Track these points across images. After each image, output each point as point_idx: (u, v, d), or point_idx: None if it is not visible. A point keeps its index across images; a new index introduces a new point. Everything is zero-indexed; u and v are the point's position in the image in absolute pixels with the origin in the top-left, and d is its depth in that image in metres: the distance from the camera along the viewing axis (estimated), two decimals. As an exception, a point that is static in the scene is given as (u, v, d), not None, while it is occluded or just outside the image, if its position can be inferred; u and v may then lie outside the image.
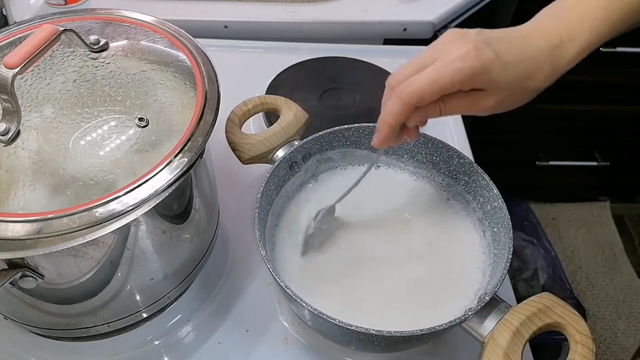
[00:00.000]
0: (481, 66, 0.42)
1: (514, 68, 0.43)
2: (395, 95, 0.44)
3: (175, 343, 0.54)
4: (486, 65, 0.42)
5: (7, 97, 0.41)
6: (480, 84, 0.43)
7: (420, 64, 0.44)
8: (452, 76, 0.42)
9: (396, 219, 0.56)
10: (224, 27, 0.91)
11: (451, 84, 0.42)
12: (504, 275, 0.45)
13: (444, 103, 0.45)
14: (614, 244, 1.57)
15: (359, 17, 0.92)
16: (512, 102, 0.45)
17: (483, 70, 0.42)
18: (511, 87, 0.44)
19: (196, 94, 0.47)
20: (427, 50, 0.45)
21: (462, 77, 0.42)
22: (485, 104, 0.44)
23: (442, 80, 0.42)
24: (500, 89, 0.44)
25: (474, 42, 0.42)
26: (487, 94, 0.44)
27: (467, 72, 0.42)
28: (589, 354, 0.40)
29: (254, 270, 0.60)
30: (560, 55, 0.44)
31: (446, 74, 0.42)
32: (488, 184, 0.52)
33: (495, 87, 0.43)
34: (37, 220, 0.38)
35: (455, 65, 0.42)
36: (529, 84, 0.44)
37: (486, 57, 0.42)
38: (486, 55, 0.42)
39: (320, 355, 0.53)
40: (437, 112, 0.45)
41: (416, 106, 0.44)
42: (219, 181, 0.58)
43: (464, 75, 0.42)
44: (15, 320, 0.51)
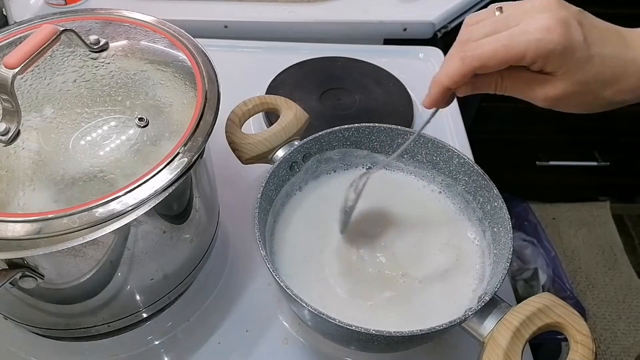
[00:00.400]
0: (563, 45, 0.36)
1: (600, 63, 0.37)
2: (457, 55, 0.39)
3: (175, 343, 0.54)
4: (570, 46, 0.36)
5: (7, 97, 0.41)
6: (553, 65, 0.37)
7: (500, 24, 0.38)
8: (527, 47, 0.36)
9: (396, 218, 0.56)
10: (224, 27, 0.91)
11: (522, 55, 0.37)
12: (504, 275, 0.45)
13: (502, 78, 0.40)
14: (614, 244, 1.57)
15: (359, 17, 0.92)
16: (578, 102, 0.39)
17: (563, 51, 0.36)
18: (585, 84, 0.38)
19: (196, 94, 0.47)
20: (511, 8, 0.39)
21: (536, 51, 0.36)
22: (547, 92, 0.39)
23: (514, 48, 0.37)
24: (572, 80, 0.37)
25: (566, 15, 0.36)
26: (555, 80, 0.38)
27: (545, 47, 0.36)
28: (589, 354, 0.40)
29: (254, 270, 0.60)
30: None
31: (520, 42, 0.36)
32: (488, 184, 0.52)
33: (568, 75, 0.37)
34: (37, 220, 0.38)
35: (535, 36, 0.36)
36: (607, 91, 0.38)
37: (573, 37, 0.36)
38: (574, 35, 0.36)
39: (320, 355, 0.53)
40: (493, 87, 0.41)
41: (477, 73, 0.39)
42: (219, 181, 0.58)
43: (540, 49, 0.36)
44: (15, 320, 0.51)
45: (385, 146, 0.58)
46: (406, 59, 0.87)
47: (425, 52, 0.88)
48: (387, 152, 0.59)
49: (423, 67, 0.87)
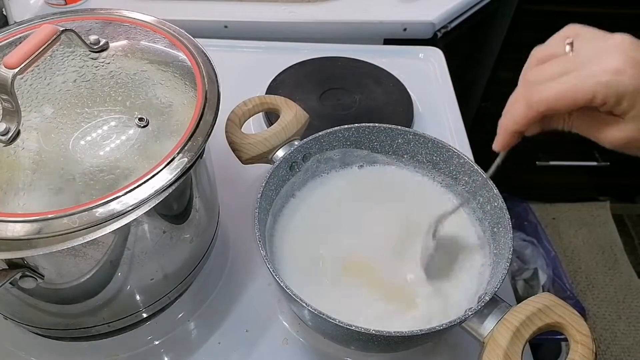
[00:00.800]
0: (634, 87, 0.35)
1: None
2: (524, 97, 0.38)
3: (175, 343, 0.54)
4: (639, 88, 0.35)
5: (7, 97, 0.41)
6: (623, 108, 0.36)
7: (569, 64, 0.37)
8: (595, 90, 0.35)
9: (396, 218, 0.56)
10: (224, 27, 0.91)
11: (591, 98, 0.36)
12: (504, 275, 0.45)
13: (570, 118, 0.39)
14: (614, 244, 1.57)
15: (359, 17, 0.92)
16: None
17: (634, 93, 0.35)
18: None
19: (196, 94, 0.47)
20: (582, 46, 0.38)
21: (605, 94, 0.35)
22: (615, 135, 0.38)
23: (581, 92, 0.36)
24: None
25: (632, 56, 0.35)
26: (625, 123, 0.37)
27: (615, 90, 0.35)
28: (589, 354, 0.40)
29: (254, 270, 0.60)
30: None
31: (589, 86, 0.35)
32: (488, 184, 0.52)
33: (637, 118, 0.36)
34: (37, 220, 0.38)
35: (604, 78, 0.35)
36: None
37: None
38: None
39: (320, 355, 0.53)
40: (561, 127, 0.40)
41: (544, 116, 0.38)
42: (219, 181, 0.58)
43: (609, 92, 0.35)
44: (15, 320, 0.51)
45: (385, 146, 0.58)
46: (406, 59, 0.87)
47: (425, 52, 0.88)
48: (387, 152, 0.59)
49: (423, 67, 0.87)
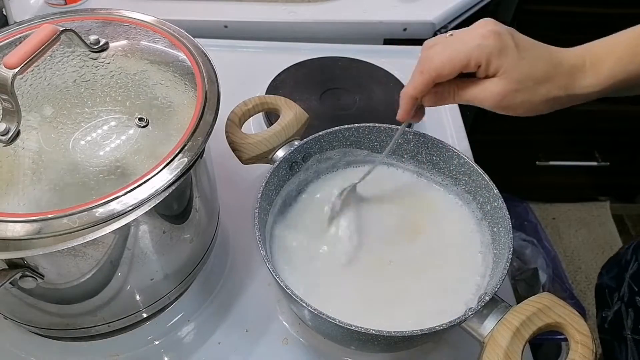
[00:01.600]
0: (497, 48, 0.45)
1: (531, 64, 0.45)
2: (418, 69, 0.48)
3: (175, 343, 0.54)
4: (503, 48, 0.45)
5: (7, 97, 0.41)
6: (493, 67, 0.45)
7: (447, 42, 0.47)
8: (470, 52, 0.45)
9: (396, 218, 0.56)
10: (224, 27, 0.91)
11: (467, 60, 0.45)
12: (504, 275, 0.45)
13: (457, 87, 0.48)
14: (614, 244, 1.57)
15: (359, 17, 0.92)
16: (522, 100, 0.46)
17: (498, 53, 0.45)
18: (521, 82, 0.45)
19: (196, 94, 0.47)
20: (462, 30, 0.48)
21: (478, 55, 0.45)
22: (493, 91, 0.46)
23: (459, 56, 0.45)
24: (510, 79, 0.45)
25: (498, 28, 0.46)
26: (497, 81, 0.46)
27: (483, 50, 0.45)
28: (589, 354, 0.40)
29: (254, 270, 0.60)
30: (579, 76, 0.46)
31: (465, 50, 0.45)
32: (488, 184, 0.52)
33: (506, 74, 0.45)
34: (37, 220, 0.38)
35: (474, 42, 0.45)
36: (541, 88, 0.46)
37: (504, 42, 0.45)
38: (505, 40, 0.45)
39: (320, 355, 0.53)
40: (452, 96, 0.48)
41: (436, 82, 0.47)
42: (219, 181, 0.58)
43: (480, 52, 0.45)
44: (15, 320, 0.51)
45: (385, 146, 0.58)
46: (406, 59, 0.87)
47: (425, 52, 0.88)
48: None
49: (423, 67, 0.86)
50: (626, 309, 0.69)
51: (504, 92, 0.46)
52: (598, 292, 0.80)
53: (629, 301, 0.69)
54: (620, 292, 0.72)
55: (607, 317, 0.73)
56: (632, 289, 0.68)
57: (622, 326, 0.69)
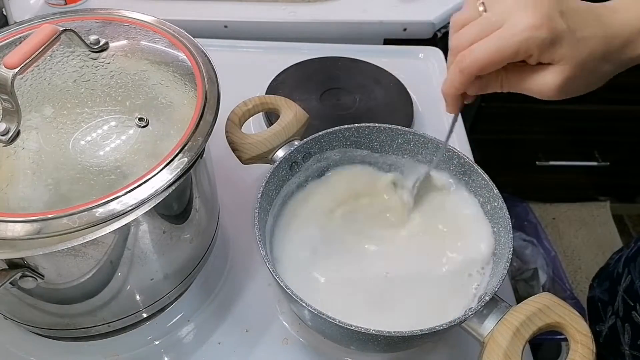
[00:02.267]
0: (550, 38, 0.39)
1: (587, 45, 0.40)
2: (455, 64, 0.42)
3: (175, 343, 0.54)
4: (556, 37, 0.39)
5: (7, 97, 0.41)
6: (548, 56, 0.40)
7: (486, 25, 0.40)
8: (519, 46, 0.39)
9: (396, 218, 0.56)
10: (224, 27, 0.91)
11: (516, 54, 0.39)
12: (504, 275, 0.45)
13: (507, 75, 0.42)
14: (614, 244, 1.57)
15: (359, 17, 0.92)
16: (581, 84, 0.41)
17: (553, 42, 0.39)
18: (582, 65, 0.40)
19: (196, 94, 0.47)
20: (494, 5, 0.41)
21: (528, 48, 0.39)
22: (551, 81, 0.40)
23: (507, 50, 0.39)
24: (570, 65, 0.40)
25: (547, 9, 0.39)
26: (555, 69, 0.40)
27: (536, 42, 0.38)
28: (589, 354, 0.40)
29: (254, 270, 0.60)
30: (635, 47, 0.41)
31: (513, 43, 0.39)
32: (488, 184, 0.52)
33: (565, 62, 0.40)
34: (37, 220, 0.38)
35: (524, 35, 0.38)
36: (604, 67, 0.41)
37: (558, 29, 0.39)
38: (559, 27, 0.39)
39: (320, 355, 0.53)
40: (499, 85, 0.43)
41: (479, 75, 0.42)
42: (219, 181, 0.58)
43: (531, 45, 0.39)
44: (15, 320, 0.50)
45: (385, 146, 0.58)
46: (406, 59, 0.87)
47: (425, 52, 0.88)
48: (387, 151, 0.59)
49: (423, 67, 0.87)
50: (622, 324, 0.66)
51: (563, 82, 0.40)
52: (590, 305, 0.77)
53: (625, 316, 0.66)
54: (614, 307, 0.69)
55: (601, 331, 0.71)
56: (627, 303, 0.66)
57: (618, 341, 0.66)
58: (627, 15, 0.41)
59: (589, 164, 1.40)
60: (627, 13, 0.41)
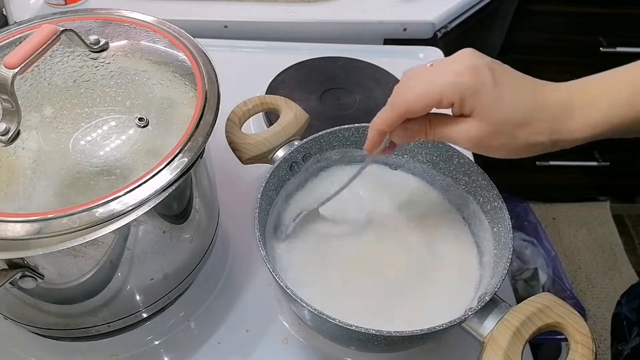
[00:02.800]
0: (472, 86, 0.40)
1: (510, 104, 0.40)
2: (389, 100, 0.44)
3: (175, 343, 0.54)
4: (479, 86, 0.40)
5: (7, 97, 0.41)
6: (468, 106, 0.41)
7: (425, 75, 0.42)
8: (442, 90, 0.40)
9: (396, 218, 0.56)
10: (224, 27, 0.91)
11: (439, 98, 0.41)
12: (504, 275, 0.45)
13: (431, 124, 0.44)
14: (614, 244, 1.57)
15: (359, 17, 0.92)
16: (499, 144, 0.41)
17: (473, 92, 0.40)
18: (499, 124, 0.40)
19: (196, 94, 0.47)
20: (438, 62, 0.43)
21: (451, 93, 0.40)
22: (467, 133, 0.41)
23: (430, 93, 0.41)
24: (488, 121, 0.40)
25: (476, 62, 0.41)
26: (473, 122, 0.41)
27: (456, 88, 0.40)
28: (589, 354, 0.40)
29: (254, 270, 0.60)
30: (566, 119, 0.40)
31: (437, 86, 0.41)
32: (488, 184, 0.52)
33: (483, 116, 0.40)
34: (37, 220, 0.38)
35: (448, 79, 0.40)
36: (521, 132, 0.40)
37: (481, 79, 0.40)
38: (482, 77, 0.40)
39: (320, 355, 0.53)
40: (424, 134, 0.44)
41: (406, 117, 0.43)
42: (219, 181, 0.58)
43: (453, 91, 0.40)
44: (15, 320, 0.51)
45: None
46: (406, 59, 0.87)
47: (425, 52, 0.88)
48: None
49: (423, 67, 0.86)
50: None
51: (479, 136, 0.41)
52: (615, 322, 0.74)
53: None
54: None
55: (622, 350, 0.69)
56: None
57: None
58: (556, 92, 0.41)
59: (589, 164, 1.40)
60: (556, 90, 0.41)
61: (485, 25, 1.13)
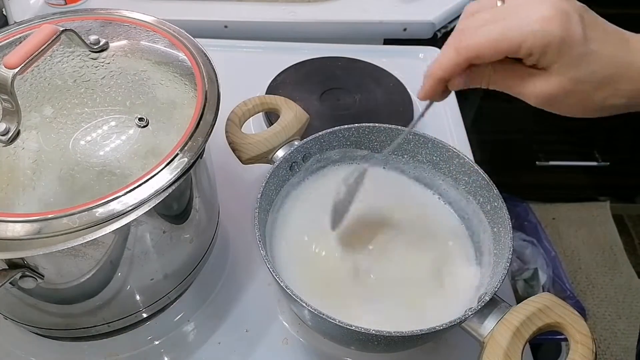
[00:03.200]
0: (561, 38, 0.34)
1: (596, 61, 0.35)
2: (452, 43, 0.38)
3: (175, 343, 0.54)
4: (567, 39, 0.35)
5: (7, 97, 0.41)
6: (549, 59, 0.35)
7: (498, 13, 0.37)
8: (523, 38, 0.35)
9: (396, 218, 0.56)
10: (224, 27, 0.91)
11: (518, 46, 0.35)
12: (504, 275, 0.45)
13: (495, 71, 0.38)
14: (614, 244, 1.57)
15: (359, 17, 0.92)
16: (570, 103, 0.37)
17: (560, 44, 0.35)
18: (579, 82, 0.36)
19: (196, 94, 0.47)
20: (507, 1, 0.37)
21: (533, 43, 0.35)
22: (540, 88, 0.37)
23: (509, 39, 0.35)
24: (566, 77, 0.36)
25: (567, 8, 0.35)
26: (549, 76, 0.36)
27: (542, 39, 0.35)
28: (589, 354, 0.40)
29: (254, 270, 0.60)
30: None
31: (517, 33, 0.35)
32: (488, 184, 0.52)
33: (562, 71, 0.36)
34: (37, 220, 0.38)
35: (532, 27, 0.35)
36: (599, 93, 0.36)
37: (572, 31, 0.35)
38: (573, 29, 0.35)
39: (320, 355, 0.53)
40: (485, 81, 0.39)
41: (471, 63, 0.38)
42: (219, 181, 0.58)
43: (537, 41, 0.35)
44: (15, 320, 0.51)
45: (385, 146, 0.58)
46: (406, 59, 0.87)
47: (425, 52, 0.88)
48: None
49: (423, 67, 0.86)
50: None
51: (551, 93, 0.36)
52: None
53: None
54: None
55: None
56: None
57: None
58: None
59: (589, 164, 1.40)
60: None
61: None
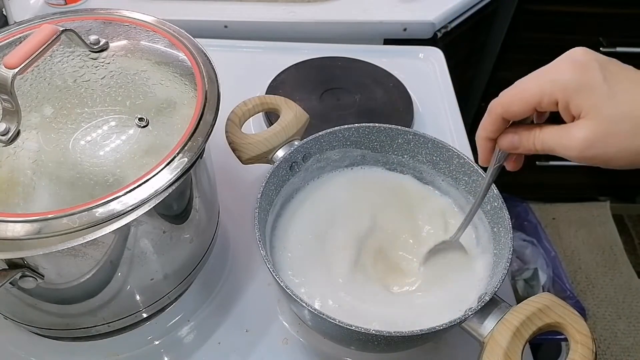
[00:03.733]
0: (575, 82, 0.35)
1: (626, 102, 0.35)
2: (487, 109, 0.41)
3: (175, 343, 0.54)
4: (585, 83, 0.35)
5: (7, 97, 0.41)
6: (574, 106, 0.36)
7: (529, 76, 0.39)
8: (540, 88, 0.37)
9: (396, 218, 0.56)
10: (224, 27, 0.91)
11: (539, 97, 0.37)
12: (504, 275, 0.45)
13: (542, 131, 0.39)
14: (614, 244, 1.57)
15: (359, 17, 0.92)
16: (613, 148, 0.35)
17: (577, 88, 0.35)
18: (614, 122, 0.35)
19: (196, 94, 0.47)
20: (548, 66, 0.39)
21: (550, 90, 0.36)
22: (577, 134, 0.36)
23: (527, 90, 0.37)
24: (599, 118, 0.35)
25: (585, 59, 0.36)
26: (583, 122, 0.36)
27: (557, 84, 0.36)
28: (589, 354, 0.40)
29: (254, 270, 0.60)
30: None
31: (533, 84, 0.37)
32: (488, 184, 0.52)
33: (592, 114, 0.35)
34: (37, 220, 0.38)
35: (549, 77, 0.37)
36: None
37: (587, 75, 0.35)
38: (589, 73, 0.35)
39: (320, 355, 0.53)
40: (532, 142, 0.39)
41: (506, 119, 0.40)
42: (219, 181, 0.58)
43: (553, 88, 0.36)
44: (15, 320, 0.51)
45: (385, 146, 0.58)
46: (406, 59, 0.87)
47: (425, 52, 0.88)
48: (387, 151, 0.59)
49: (423, 67, 0.87)
50: None
51: (590, 135, 0.35)
52: None
53: None
54: None
55: None
56: None
57: None
58: None
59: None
60: None
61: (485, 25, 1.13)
